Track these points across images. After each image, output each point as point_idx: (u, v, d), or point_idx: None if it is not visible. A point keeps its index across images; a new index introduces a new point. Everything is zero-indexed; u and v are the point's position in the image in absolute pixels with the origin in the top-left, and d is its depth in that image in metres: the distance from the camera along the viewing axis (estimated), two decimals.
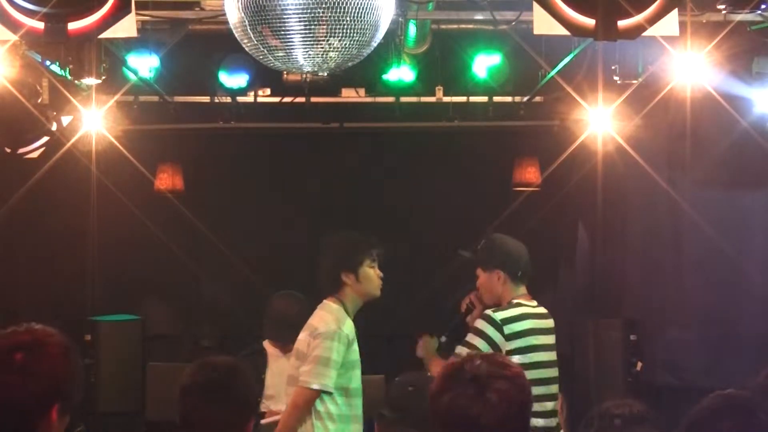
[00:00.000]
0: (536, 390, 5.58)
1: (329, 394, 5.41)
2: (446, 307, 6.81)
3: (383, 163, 9.63)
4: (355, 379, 5.53)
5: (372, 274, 5.66)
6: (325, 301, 5.66)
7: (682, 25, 5.21)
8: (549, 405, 5.67)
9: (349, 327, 5.51)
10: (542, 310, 5.80)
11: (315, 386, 5.38)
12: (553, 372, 5.75)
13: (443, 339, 5.89)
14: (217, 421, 3.37)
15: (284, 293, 6.96)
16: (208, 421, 3.37)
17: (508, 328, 5.59)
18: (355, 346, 5.55)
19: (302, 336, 5.58)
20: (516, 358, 5.50)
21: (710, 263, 7.86)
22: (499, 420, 2.63)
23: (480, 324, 5.62)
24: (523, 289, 5.78)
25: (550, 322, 5.80)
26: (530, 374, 5.56)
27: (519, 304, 5.70)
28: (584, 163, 8.02)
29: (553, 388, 5.73)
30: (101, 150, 7.38)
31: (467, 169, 9.44)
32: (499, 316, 5.62)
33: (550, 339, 5.77)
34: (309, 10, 4.22)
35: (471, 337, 5.60)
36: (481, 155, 9.24)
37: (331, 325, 5.47)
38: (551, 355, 5.76)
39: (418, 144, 9.35)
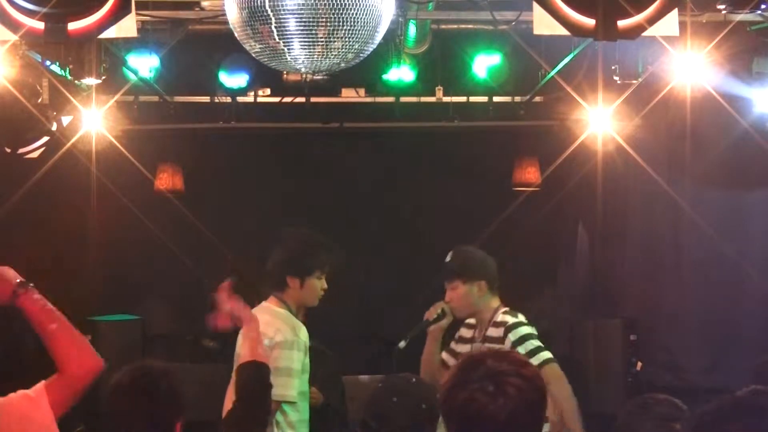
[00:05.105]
0: None
1: (291, 403, 5.32)
2: (409, 312, 6.49)
3: (383, 163, 9.62)
4: (306, 382, 5.41)
5: (316, 286, 5.41)
6: (266, 303, 5.41)
7: (682, 25, 5.22)
8: None
9: (304, 334, 5.33)
10: None
11: (280, 398, 5.20)
12: None
13: (402, 344, 5.53)
14: (142, 421, 3.50)
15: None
16: (133, 421, 3.51)
17: None
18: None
19: None
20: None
21: (710, 263, 7.86)
22: (514, 418, 2.62)
23: (526, 329, 5.47)
24: (498, 300, 5.63)
25: None
26: None
27: (516, 312, 5.63)
28: (584, 163, 8.02)
29: None
30: (101, 150, 7.38)
31: (467, 169, 9.43)
32: (523, 318, 5.52)
33: None
34: (309, 11, 4.23)
35: (536, 340, 5.44)
36: (481, 155, 9.23)
37: (288, 334, 5.26)
38: None
39: (418, 144, 9.34)
